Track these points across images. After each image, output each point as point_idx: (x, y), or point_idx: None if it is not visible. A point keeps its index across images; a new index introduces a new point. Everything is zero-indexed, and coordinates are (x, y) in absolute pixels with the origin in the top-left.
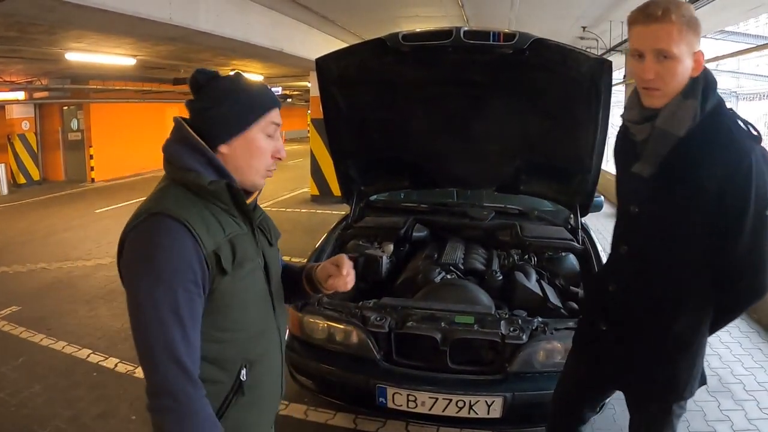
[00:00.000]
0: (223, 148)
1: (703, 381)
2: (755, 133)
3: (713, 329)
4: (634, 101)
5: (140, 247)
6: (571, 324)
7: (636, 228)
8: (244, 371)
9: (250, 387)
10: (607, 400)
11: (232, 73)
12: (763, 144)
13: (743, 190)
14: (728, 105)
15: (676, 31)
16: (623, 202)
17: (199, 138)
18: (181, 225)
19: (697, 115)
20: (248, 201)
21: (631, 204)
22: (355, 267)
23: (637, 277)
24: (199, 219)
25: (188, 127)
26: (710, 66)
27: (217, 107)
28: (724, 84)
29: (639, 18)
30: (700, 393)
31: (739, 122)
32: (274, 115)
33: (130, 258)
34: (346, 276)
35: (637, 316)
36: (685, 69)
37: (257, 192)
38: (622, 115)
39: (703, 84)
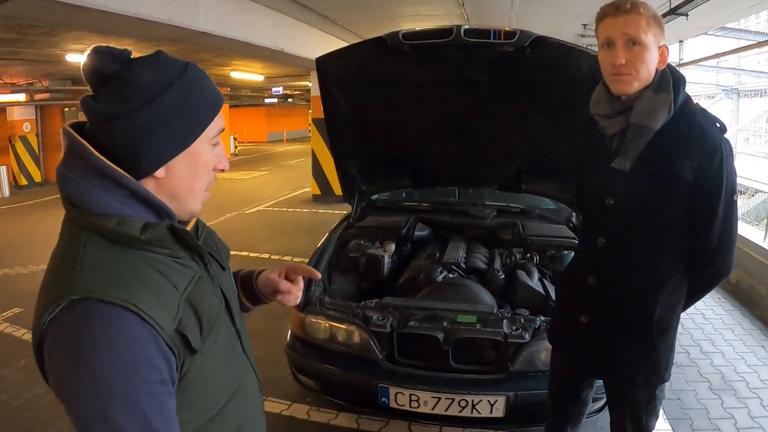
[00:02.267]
0: (160, 172)
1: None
2: (720, 125)
3: (684, 308)
4: (601, 95)
5: (71, 355)
6: None
7: (613, 220)
8: None
9: None
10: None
11: (151, 54)
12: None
13: (716, 179)
14: (729, 102)
15: (645, 22)
16: (595, 195)
17: (109, 162)
18: (121, 309)
19: (671, 109)
20: (189, 226)
21: (605, 197)
22: (357, 267)
23: (618, 268)
24: (140, 289)
25: (89, 147)
26: (711, 63)
27: (143, 113)
28: (725, 81)
29: (609, 11)
30: (704, 391)
31: (707, 115)
32: (220, 116)
33: (61, 372)
34: (298, 291)
35: (619, 307)
36: (653, 59)
37: (194, 219)
38: (590, 111)
39: (672, 79)
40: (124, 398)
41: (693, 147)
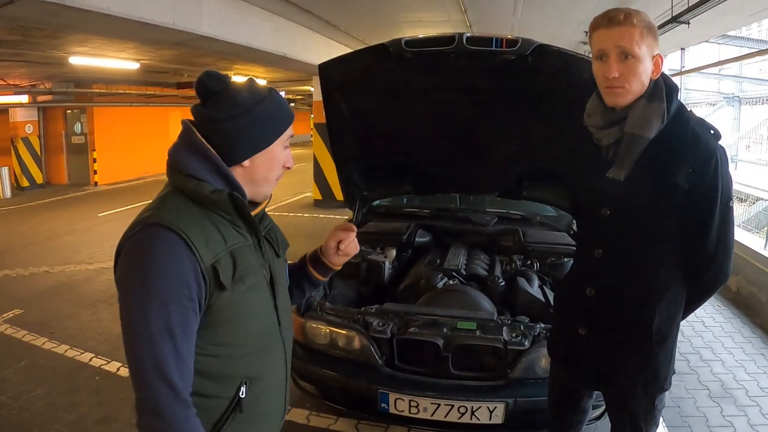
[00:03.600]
0: (246, 162)
1: (673, 370)
2: (714, 132)
3: (683, 317)
4: (594, 107)
5: (134, 259)
6: None
7: (610, 231)
8: (243, 388)
9: (249, 404)
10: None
11: (243, 79)
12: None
13: (712, 186)
14: (731, 109)
15: (638, 34)
16: (591, 205)
17: (208, 145)
18: (177, 236)
19: (665, 117)
20: (256, 211)
21: (602, 207)
22: (358, 272)
23: (616, 278)
24: (197, 230)
25: (199, 135)
26: (713, 70)
27: (240, 120)
28: (726, 88)
29: (602, 22)
30: (703, 399)
31: (701, 123)
32: (291, 126)
33: (124, 271)
34: (353, 236)
35: (617, 318)
36: (646, 70)
37: (266, 201)
38: (584, 122)
39: (665, 87)
40: (157, 297)
41: (687, 154)
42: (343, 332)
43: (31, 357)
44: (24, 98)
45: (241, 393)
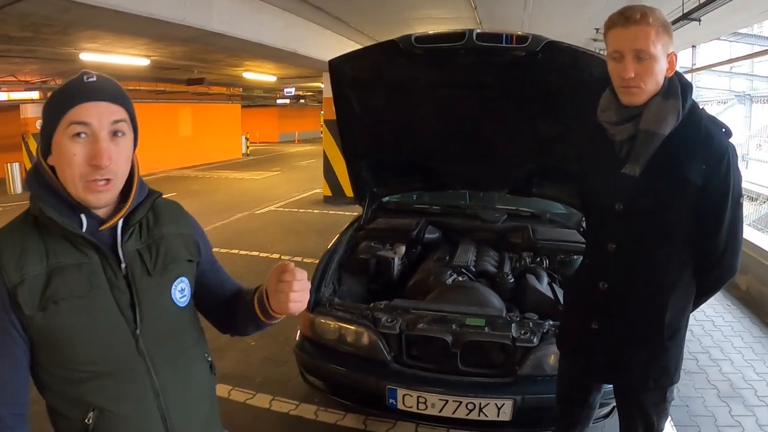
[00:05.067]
0: (50, 160)
1: None
2: (726, 130)
3: (691, 311)
4: (609, 102)
5: None
6: None
7: (623, 225)
8: (90, 415)
9: None
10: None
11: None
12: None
13: (724, 183)
14: (742, 107)
15: (654, 33)
16: (604, 200)
17: (39, 158)
18: None
19: (679, 115)
20: (113, 221)
21: (615, 202)
22: (367, 268)
23: (629, 272)
24: (16, 248)
25: (36, 147)
26: (724, 68)
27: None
28: (738, 86)
29: (618, 21)
30: (712, 398)
31: (713, 120)
32: (75, 112)
33: None
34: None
35: (630, 311)
36: (661, 68)
37: (122, 212)
38: (597, 117)
39: (680, 85)
40: None
41: (701, 151)
42: (352, 328)
43: None
44: (35, 94)
45: (88, 419)
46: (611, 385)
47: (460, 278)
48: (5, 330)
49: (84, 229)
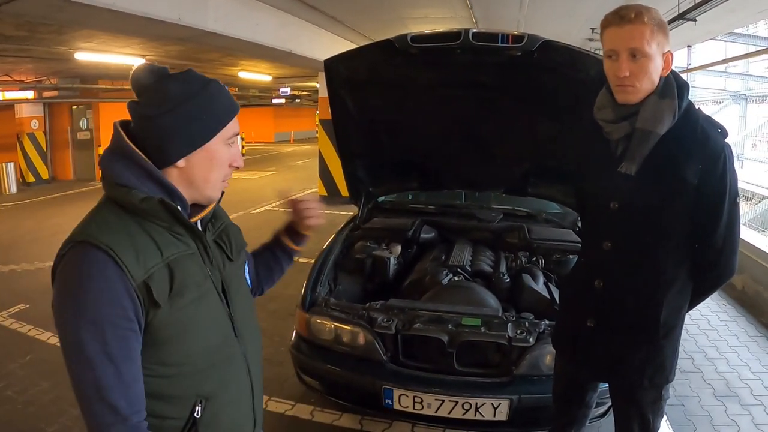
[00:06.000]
0: (181, 162)
1: None
2: (722, 130)
3: (687, 310)
4: (605, 101)
5: (64, 281)
6: None
7: (618, 223)
8: (198, 408)
9: (208, 423)
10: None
11: (183, 71)
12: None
13: (720, 183)
14: (737, 107)
15: (649, 32)
16: (600, 199)
17: (135, 148)
18: (105, 254)
19: (676, 114)
20: (201, 215)
21: (610, 201)
22: (363, 268)
23: (625, 270)
24: (127, 244)
25: (125, 136)
26: (719, 68)
27: (171, 116)
28: (733, 86)
29: (613, 20)
30: (708, 397)
31: (709, 120)
32: (235, 122)
33: (56, 294)
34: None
35: (625, 310)
36: (657, 67)
37: (212, 204)
38: (594, 115)
39: (676, 85)
40: (90, 321)
41: (697, 151)
42: (348, 328)
43: (37, 351)
44: (30, 94)
45: (196, 413)
46: (607, 384)
47: (456, 278)
48: (133, 331)
49: None
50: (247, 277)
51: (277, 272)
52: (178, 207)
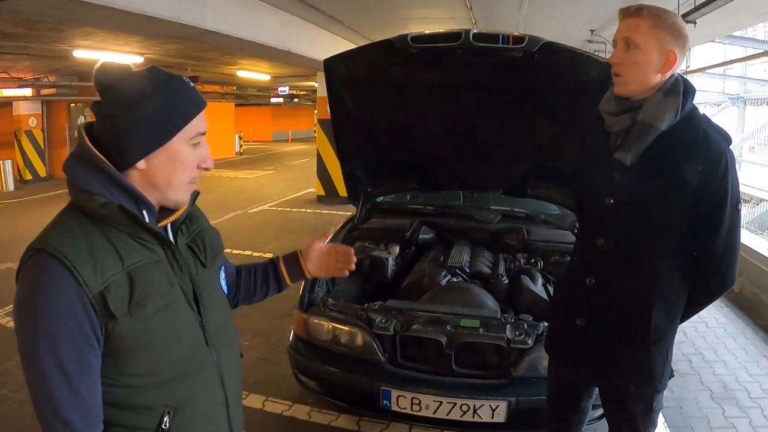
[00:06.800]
0: (141, 164)
1: (671, 374)
2: (725, 135)
3: (682, 320)
4: (611, 94)
5: (21, 291)
6: None
7: (613, 220)
8: (167, 418)
9: None
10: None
11: (145, 68)
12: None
13: (721, 187)
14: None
15: (645, 25)
16: (596, 195)
17: (96, 152)
18: (61, 264)
19: (678, 112)
20: (170, 219)
21: (605, 196)
22: (361, 269)
23: (617, 269)
24: (85, 253)
25: (87, 139)
26: (718, 71)
27: (129, 115)
28: (731, 89)
29: (619, 15)
30: (705, 400)
31: (712, 125)
32: (199, 121)
33: (15, 302)
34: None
35: (616, 309)
36: (651, 63)
37: (182, 209)
38: (599, 107)
39: (683, 86)
40: (45, 334)
41: (698, 153)
42: (346, 329)
43: None
44: (28, 91)
45: (164, 424)
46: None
47: (455, 279)
48: (89, 344)
49: None
50: (223, 284)
51: (259, 296)
52: (143, 212)
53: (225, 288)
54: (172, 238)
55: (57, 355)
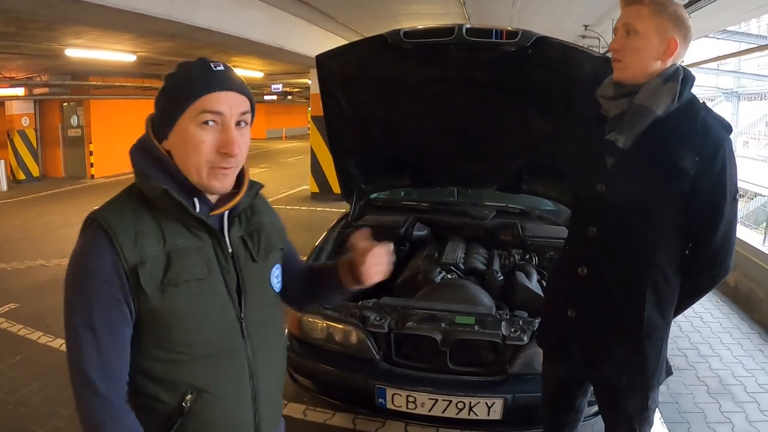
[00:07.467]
0: (166, 144)
1: (669, 371)
2: (725, 125)
3: (677, 313)
4: (609, 80)
5: (73, 253)
6: None
7: (604, 208)
8: (188, 397)
9: (196, 416)
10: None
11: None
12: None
13: (719, 178)
14: (729, 104)
15: (646, 12)
16: (588, 181)
17: (151, 135)
18: (104, 234)
19: (675, 98)
20: (226, 207)
21: (597, 183)
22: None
23: (609, 258)
24: (130, 227)
25: (148, 125)
26: (712, 66)
27: (158, 99)
28: (725, 84)
29: (621, 3)
30: (701, 395)
31: (712, 114)
32: (208, 101)
33: (68, 263)
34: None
35: (608, 300)
36: (651, 49)
37: (236, 198)
38: (596, 92)
39: (682, 74)
40: (81, 291)
41: (695, 142)
42: (340, 326)
43: (27, 351)
44: (20, 91)
45: (185, 402)
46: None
47: (449, 276)
48: (119, 309)
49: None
50: (276, 282)
51: (321, 298)
52: (194, 199)
53: (278, 286)
54: (226, 228)
55: (89, 314)
